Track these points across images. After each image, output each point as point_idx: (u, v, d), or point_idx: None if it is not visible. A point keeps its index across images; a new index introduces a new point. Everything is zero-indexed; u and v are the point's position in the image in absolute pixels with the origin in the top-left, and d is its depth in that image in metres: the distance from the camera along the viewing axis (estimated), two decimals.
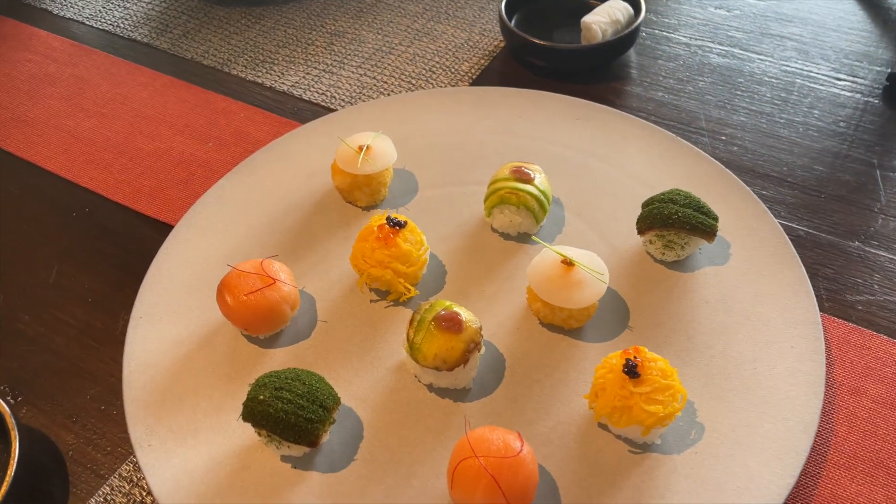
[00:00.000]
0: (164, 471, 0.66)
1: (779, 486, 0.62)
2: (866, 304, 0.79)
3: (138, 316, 0.78)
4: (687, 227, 0.76)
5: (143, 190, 0.97)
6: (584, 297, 0.72)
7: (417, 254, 0.77)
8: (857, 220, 0.87)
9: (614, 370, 0.65)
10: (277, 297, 0.74)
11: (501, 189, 0.81)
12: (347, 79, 1.12)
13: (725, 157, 0.96)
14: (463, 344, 0.67)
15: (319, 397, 0.65)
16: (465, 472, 0.59)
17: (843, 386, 0.72)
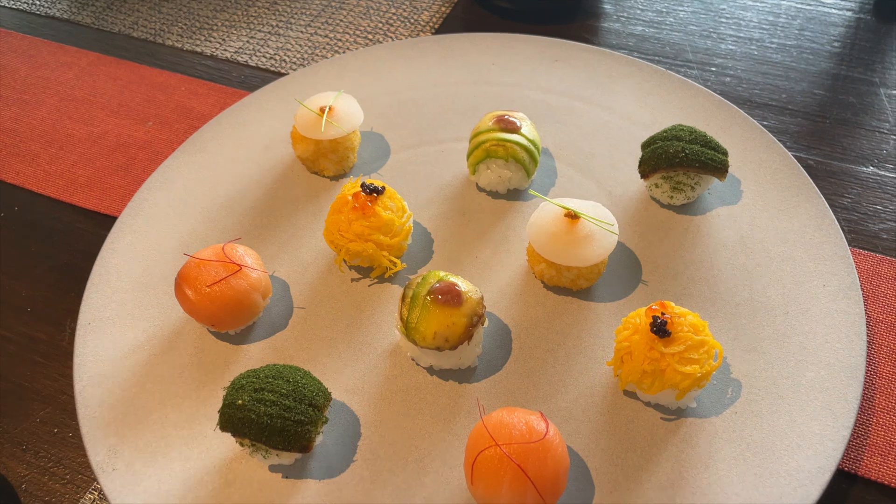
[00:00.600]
0: (133, 497, 0.57)
1: (833, 441, 0.56)
2: (891, 231, 0.72)
3: (86, 322, 0.68)
4: (697, 165, 0.68)
5: (78, 181, 0.85)
6: (594, 254, 0.64)
7: (400, 222, 0.68)
8: (868, 144, 0.81)
9: (640, 330, 0.57)
10: (245, 285, 0.64)
11: (486, 142, 0.73)
12: (297, 39, 1.01)
13: (719, 88, 0.88)
14: (465, 318, 0.59)
15: (307, 395, 0.56)
16: (486, 464, 0.51)
17: (880, 322, 0.66)
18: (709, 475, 0.55)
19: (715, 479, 0.55)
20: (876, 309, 0.67)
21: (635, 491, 0.55)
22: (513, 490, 0.50)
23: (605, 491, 0.56)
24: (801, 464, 0.55)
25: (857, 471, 0.58)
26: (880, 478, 0.57)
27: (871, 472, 0.58)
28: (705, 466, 0.56)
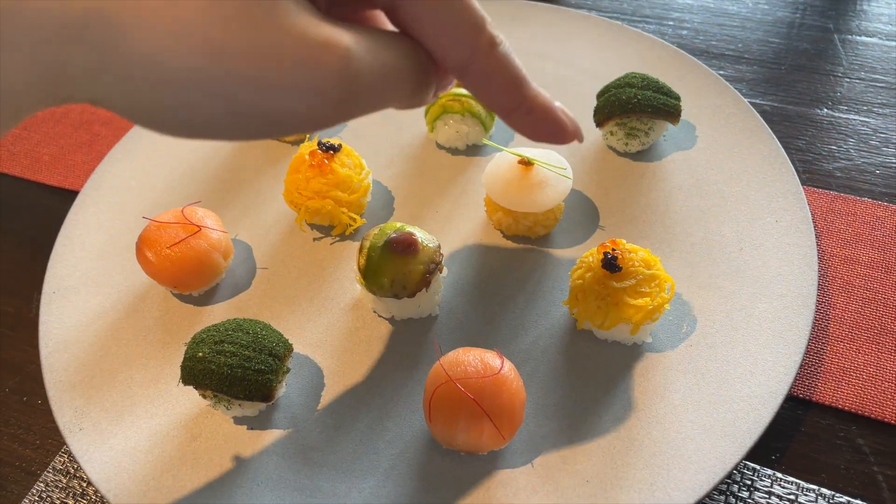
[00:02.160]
0: (100, 455, 0.58)
1: (785, 367, 0.57)
2: (844, 170, 0.74)
3: (51, 291, 0.68)
4: (649, 111, 0.69)
5: (42, 159, 0.85)
6: (549, 198, 0.65)
7: (358, 178, 0.69)
8: (822, 88, 0.82)
9: (592, 268, 0.58)
10: (206, 245, 0.65)
11: (442, 97, 0.73)
12: None
13: (676, 41, 0.89)
14: (422, 265, 0.60)
15: (267, 345, 0.57)
16: (442, 400, 0.52)
17: (834, 256, 0.67)
18: (664, 405, 0.56)
19: (671, 408, 0.56)
20: (830, 244, 0.68)
21: (593, 423, 0.56)
22: (469, 424, 0.51)
23: (563, 425, 0.56)
24: (753, 390, 0.56)
25: (812, 397, 0.59)
26: (834, 402, 0.58)
27: (825, 397, 0.59)
28: (661, 397, 0.57)
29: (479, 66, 0.35)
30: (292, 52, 0.29)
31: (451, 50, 0.35)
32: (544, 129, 0.39)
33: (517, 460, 0.55)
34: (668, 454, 0.54)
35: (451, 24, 0.34)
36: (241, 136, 0.32)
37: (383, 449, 0.57)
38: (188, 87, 0.28)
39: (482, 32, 0.34)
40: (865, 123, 0.77)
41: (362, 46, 0.31)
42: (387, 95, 0.33)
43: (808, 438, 0.57)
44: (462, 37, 0.34)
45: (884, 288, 0.64)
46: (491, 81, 0.36)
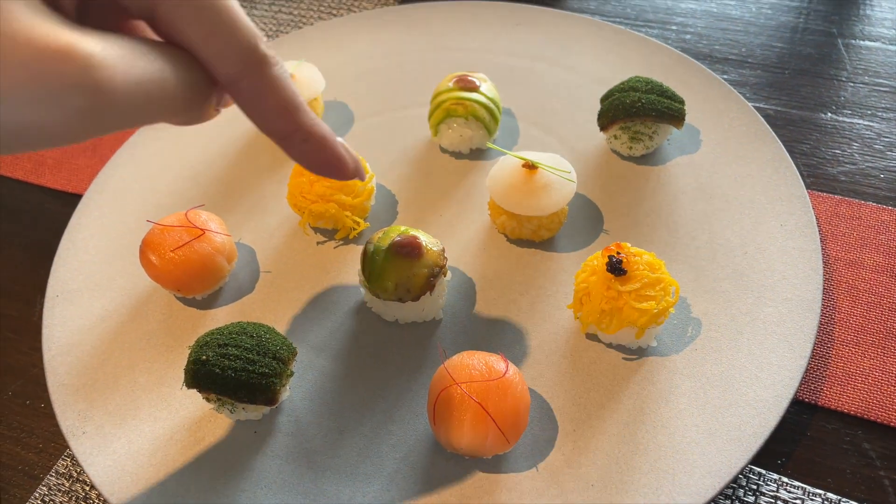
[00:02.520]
0: (104, 458, 0.58)
1: (790, 371, 0.57)
2: (849, 174, 0.73)
3: (54, 295, 0.68)
4: (653, 114, 0.69)
5: (45, 163, 0.86)
6: (553, 202, 0.64)
7: (362, 182, 0.69)
8: (826, 92, 0.82)
9: (597, 272, 0.58)
10: (210, 248, 0.65)
11: (445, 101, 0.73)
12: (261, 17, 1.01)
13: (680, 46, 0.89)
14: (426, 269, 0.60)
15: (271, 349, 0.57)
16: (447, 404, 0.51)
17: (839, 260, 0.67)
18: (669, 409, 0.56)
19: (675, 412, 0.56)
20: (835, 248, 0.68)
21: (597, 427, 0.56)
22: (474, 428, 0.51)
23: (567, 429, 0.56)
24: (759, 393, 0.56)
25: (818, 401, 0.59)
26: (840, 406, 0.58)
27: (831, 401, 0.59)
28: (666, 401, 0.57)
29: (249, 83, 0.35)
30: (18, 58, 0.27)
31: (218, 62, 0.34)
32: (321, 160, 0.39)
33: (522, 464, 0.55)
34: (673, 458, 0.53)
35: (216, 35, 0.33)
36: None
37: (387, 453, 0.57)
38: None
39: (254, 49, 0.34)
40: (869, 127, 0.77)
41: (114, 53, 0.29)
42: (150, 108, 0.31)
43: (814, 443, 0.57)
44: (229, 49, 0.33)
45: (889, 292, 0.64)
46: (262, 101, 0.35)
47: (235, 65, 0.34)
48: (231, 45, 0.33)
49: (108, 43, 0.29)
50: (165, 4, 0.32)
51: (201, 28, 0.33)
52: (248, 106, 0.36)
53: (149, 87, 0.31)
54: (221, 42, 0.33)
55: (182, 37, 0.33)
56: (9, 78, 0.27)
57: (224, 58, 0.34)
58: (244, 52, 0.34)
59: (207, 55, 0.33)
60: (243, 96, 0.35)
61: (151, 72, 0.31)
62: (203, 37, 0.33)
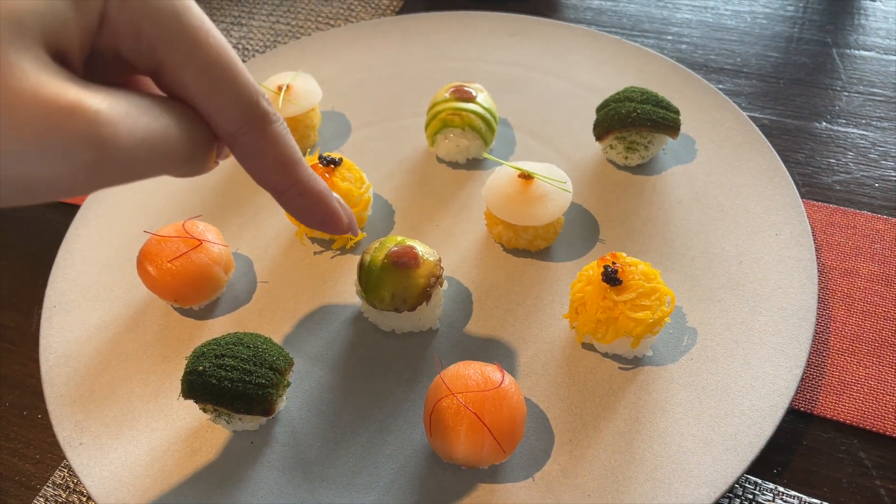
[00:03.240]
0: (100, 469, 0.58)
1: (785, 380, 0.57)
2: (844, 183, 0.74)
3: (51, 306, 0.68)
4: (648, 124, 0.69)
5: None
6: (548, 212, 0.65)
7: (359, 192, 0.69)
8: (821, 101, 0.82)
9: (593, 282, 0.58)
10: (207, 259, 0.65)
11: (442, 112, 0.74)
12: (259, 28, 1.02)
13: (675, 56, 0.89)
14: (422, 279, 0.60)
15: (268, 359, 0.57)
16: (443, 414, 0.52)
17: (834, 269, 0.67)
18: (665, 419, 0.56)
19: (671, 422, 0.56)
20: (830, 257, 0.68)
21: (594, 437, 0.56)
22: (469, 438, 0.51)
23: (563, 439, 0.56)
24: (754, 403, 0.56)
25: (814, 410, 0.59)
26: (835, 416, 0.58)
27: (826, 410, 0.59)
28: (662, 411, 0.57)
29: (249, 139, 0.36)
30: (28, 114, 0.27)
31: (220, 118, 0.35)
32: (317, 214, 0.40)
33: (518, 474, 0.55)
34: (669, 468, 0.54)
35: (219, 92, 0.34)
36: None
37: (384, 463, 0.57)
38: None
39: (255, 106, 0.35)
40: (864, 137, 0.78)
41: (120, 110, 0.30)
42: (153, 162, 0.32)
43: (810, 452, 0.57)
44: (231, 106, 0.34)
45: (884, 301, 0.64)
46: (261, 157, 0.36)
47: (236, 121, 0.35)
48: (233, 102, 0.34)
49: (114, 99, 0.30)
50: (171, 62, 0.33)
51: (204, 85, 0.34)
52: (246, 160, 0.37)
53: (153, 142, 0.32)
54: (224, 99, 0.34)
55: (185, 92, 0.34)
56: (16, 132, 0.27)
57: (226, 114, 0.35)
58: (245, 109, 0.35)
59: (210, 111, 0.35)
60: (243, 151, 0.36)
61: (155, 127, 0.32)
62: (206, 93, 0.34)
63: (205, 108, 0.34)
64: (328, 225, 0.41)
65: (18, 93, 0.27)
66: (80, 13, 0.30)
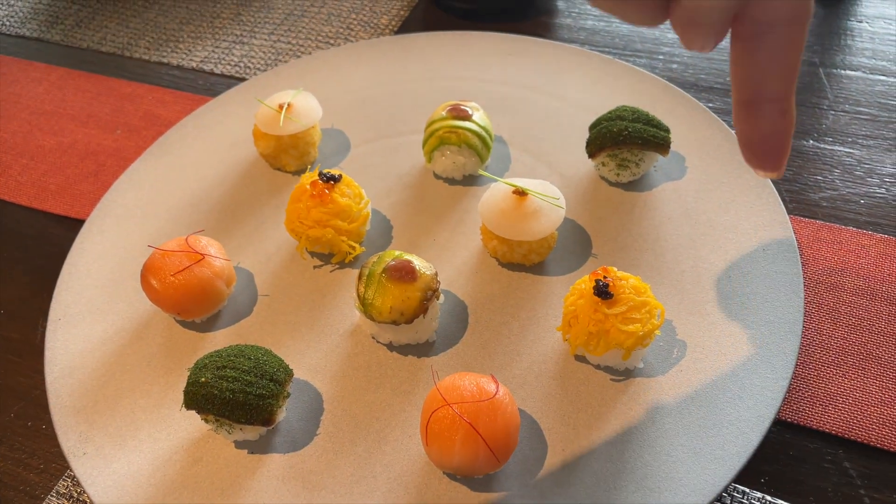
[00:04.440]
0: (104, 479, 0.59)
1: (772, 391, 0.58)
2: (830, 199, 0.76)
3: (56, 318, 0.70)
4: (639, 142, 0.71)
5: (49, 188, 0.88)
6: (542, 227, 0.67)
7: (358, 208, 0.71)
8: (808, 120, 0.84)
9: (585, 295, 0.60)
10: (209, 273, 0.66)
11: (439, 129, 0.76)
12: (261, 47, 1.04)
13: (666, 75, 0.92)
14: (419, 292, 0.62)
15: (268, 371, 0.58)
16: (438, 424, 0.53)
17: (820, 284, 0.69)
18: (655, 429, 0.58)
19: (661, 432, 0.58)
20: (816, 271, 0.70)
21: (586, 447, 0.58)
22: (465, 447, 0.52)
23: (556, 449, 0.58)
24: (742, 414, 0.57)
25: (800, 421, 0.60)
26: (821, 426, 0.60)
27: (812, 421, 0.60)
28: (652, 421, 0.58)
29: (787, 31, 0.32)
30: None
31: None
32: (783, 140, 0.36)
33: (512, 483, 0.56)
34: (659, 477, 0.55)
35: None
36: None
37: (381, 472, 0.58)
38: None
39: (808, 1, 0.32)
40: (850, 154, 0.80)
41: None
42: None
43: (796, 462, 0.58)
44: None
45: (868, 314, 0.66)
46: (784, 56, 0.33)
47: (785, 10, 0.32)
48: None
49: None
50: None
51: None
52: (764, 55, 0.33)
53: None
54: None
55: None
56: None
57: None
58: (801, 1, 0.32)
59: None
60: (773, 42, 0.33)
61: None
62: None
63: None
64: (780, 154, 0.36)
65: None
66: None
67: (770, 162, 0.37)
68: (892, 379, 0.62)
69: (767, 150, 0.37)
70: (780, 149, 0.37)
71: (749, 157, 0.37)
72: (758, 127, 0.36)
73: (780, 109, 0.35)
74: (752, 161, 0.38)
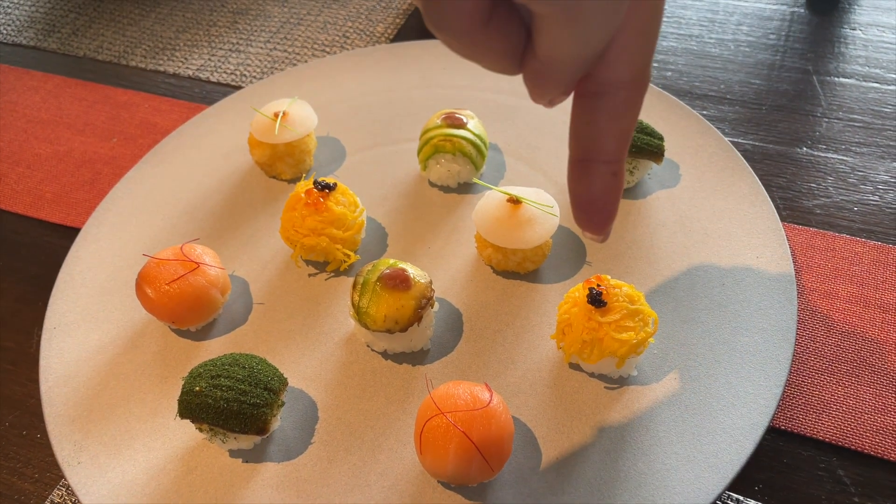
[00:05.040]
0: (98, 488, 0.59)
1: (766, 399, 0.58)
2: (824, 206, 0.76)
3: (51, 327, 0.70)
4: (633, 150, 0.72)
5: (45, 197, 0.88)
6: (536, 236, 0.67)
7: (353, 216, 0.71)
8: (802, 127, 0.85)
9: (578, 303, 0.60)
10: (204, 281, 0.67)
11: (434, 138, 0.76)
12: (257, 55, 1.05)
13: (661, 82, 0.92)
14: (414, 301, 0.62)
15: (263, 379, 0.58)
16: (432, 433, 0.53)
17: (814, 291, 0.69)
18: (649, 437, 0.58)
19: (655, 440, 0.58)
20: (810, 279, 0.70)
21: (580, 455, 0.58)
22: (458, 456, 0.52)
23: (551, 457, 0.58)
24: (735, 421, 0.58)
25: (794, 428, 0.60)
26: (815, 434, 0.60)
27: (806, 428, 0.60)
28: (646, 429, 0.59)
29: (626, 95, 0.34)
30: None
31: (619, 63, 0.33)
32: (610, 203, 0.37)
33: (506, 492, 0.56)
34: (652, 485, 0.55)
35: (639, 38, 0.32)
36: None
37: (375, 482, 0.58)
38: None
39: (647, 66, 0.33)
40: (844, 162, 0.80)
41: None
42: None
43: (790, 470, 0.58)
44: (636, 58, 0.33)
45: (862, 321, 0.66)
46: (620, 119, 0.34)
47: (629, 74, 0.33)
48: (640, 55, 0.33)
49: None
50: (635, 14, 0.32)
51: (633, 28, 0.32)
52: (603, 115, 0.34)
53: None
54: (637, 49, 0.33)
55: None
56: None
57: (628, 63, 0.33)
58: (642, 67, 0.33)
59: (620, 52, 0.33)
60: (613, 104, 0.34)
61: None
62: (629, 37, 0.32)
63: (620, 44, 0.32)
64: (607, 215, 0.37)
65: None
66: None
67: (597, 222, 0.38)
68: (886, 386, 0.62)
69: (597, 210, 0.37)
70: (608, 210, 0.38)
71: (578, 217, 0.38)
72: (589, 186, 0.37)
73: (612, 171, 0.36)
74: (580, 220, 0.39)
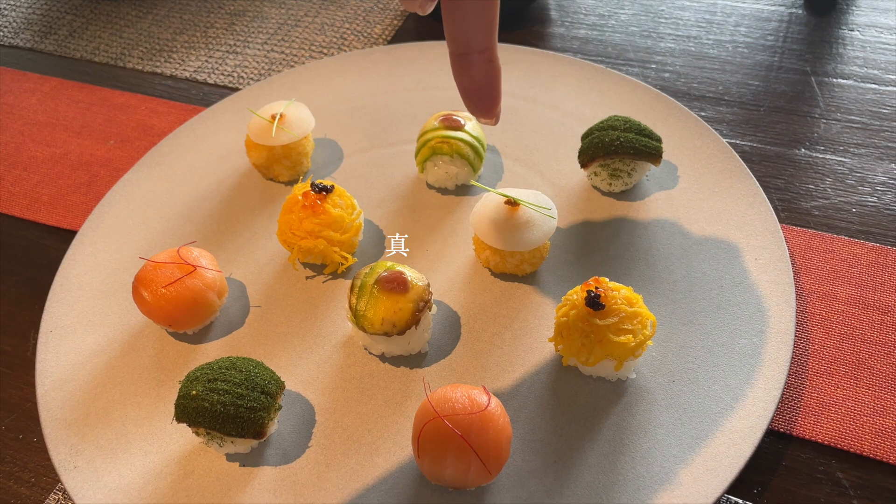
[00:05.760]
0: (94, 492, 0.59)
1: (765, 402, 0.58)
2: (822, 208, 0.76)
3: (48, 330, 0.70)
4: (631, 152, 0.71)
5: (41, 199, 0.87)
6: (534, 238, 0.66)
7: (350, 219, 0.71)
8: (800, 128, 0.84)
9: (576, 306, 0.60)
10: (201, 284, 0.66)
11: (432, 140, 0.76)
12: (254, 57, 1.04)
13: (659, 84, 0.92)
14: (411, 304, 0.61)
15: (260, 383, 0.58)
16: (430, 436, 0.53)
17: (812, 293, 0.69)
18: (648, 440, 0.58)
19: (654, 443, 0.58)
20: (809, 280, 0.70)
21: (578, 458, 0.57)
22: (456, 459, 0.52)
23: (549, 460, 0.58)
24: (734, 424, 0.57)
25: (792, 431, 0.60)
26: (814, 436, 0.60)
27: (805, 431, 0.60)
28: (644, 432, 0.58)
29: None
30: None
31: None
32: (491, 85, 0.41)
33: (504, 496, 0.56)
34: (651, 488, 0.55)
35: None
36: None
37: (373, 485, 0.58)
38: None
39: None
40: (842, 163, 0.80)
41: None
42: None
43: (789, 472, 0.58)
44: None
45: (861, 323, 0.66)
46: (481, 12, 0.38)
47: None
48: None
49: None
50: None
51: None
52: (469, 13, 0.38)
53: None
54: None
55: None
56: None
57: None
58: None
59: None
60: (472, 2, 0.37)
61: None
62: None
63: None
64: (492, 100, 0.42)
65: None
66: None
67: (485, 106, 0.43)
68: (884, 388, 0.62)
69: (482, 95, 0.42)
70: (492, 93, 0.42)
71: (469, 105, 0.43)
72: (471, 76, 0.41)
73: (487, 58, 0.40)
74: (470, 107, 0.43)
